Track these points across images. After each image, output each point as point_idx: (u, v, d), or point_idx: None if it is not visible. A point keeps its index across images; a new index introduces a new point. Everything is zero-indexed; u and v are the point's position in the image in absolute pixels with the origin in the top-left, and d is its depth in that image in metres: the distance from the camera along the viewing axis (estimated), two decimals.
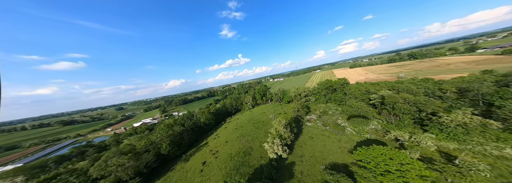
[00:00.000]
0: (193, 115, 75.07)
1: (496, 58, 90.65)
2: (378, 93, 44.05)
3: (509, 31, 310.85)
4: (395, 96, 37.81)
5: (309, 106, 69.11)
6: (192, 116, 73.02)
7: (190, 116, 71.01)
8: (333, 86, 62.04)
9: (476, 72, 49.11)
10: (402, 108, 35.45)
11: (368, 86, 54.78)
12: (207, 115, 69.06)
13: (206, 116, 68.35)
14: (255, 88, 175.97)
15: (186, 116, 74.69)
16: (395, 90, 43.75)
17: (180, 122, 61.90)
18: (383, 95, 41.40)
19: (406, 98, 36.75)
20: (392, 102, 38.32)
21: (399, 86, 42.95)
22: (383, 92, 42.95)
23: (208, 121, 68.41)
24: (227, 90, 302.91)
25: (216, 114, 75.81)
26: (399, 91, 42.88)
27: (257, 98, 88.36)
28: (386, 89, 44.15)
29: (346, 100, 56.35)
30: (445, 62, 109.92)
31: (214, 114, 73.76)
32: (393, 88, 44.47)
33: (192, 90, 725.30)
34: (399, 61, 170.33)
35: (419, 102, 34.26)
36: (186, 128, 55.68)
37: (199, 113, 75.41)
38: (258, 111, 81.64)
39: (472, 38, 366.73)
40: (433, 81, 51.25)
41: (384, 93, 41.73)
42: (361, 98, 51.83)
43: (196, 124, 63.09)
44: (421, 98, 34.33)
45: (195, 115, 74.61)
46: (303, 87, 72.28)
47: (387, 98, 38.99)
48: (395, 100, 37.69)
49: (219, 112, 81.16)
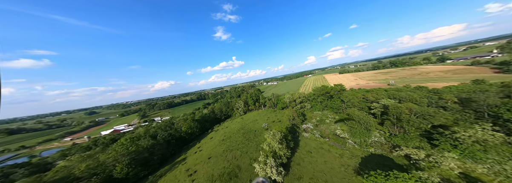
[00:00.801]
0: (173, 123, 64.18)
1: (467, 69, 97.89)
2: (379, 102, 40.26)
3: (464, 45, 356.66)
4: (399, 106, 33.89)
5: (304, 113, 64.02)
6: (173, 124, 62.17)
7: (170, 124, 60.08)
8: (330, 93, 57.97)
9: (467, 82, 49.05)
10: (410, 120, 31.41)
11: (365, 94, 51.58)
12: (190, 123, 59.15)
13: (188, 124, 58.37)
14: (248, 92, 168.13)
15: (166, 123, 63.42)
16: (396, 99, 40.41)
17: (152, 133, 50.67)
18: (386, 104, 37.53)
19: (411, 108, 33.01)
20: (397, 113, 34.32)
21: (400, 95, 39.77)
22: (385, 101, 39.27)
23: (191, 130, 58.49)
24: (219, 94, 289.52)
25: (201, 121, 66.14)
26: (401, 100, 39.57)
27: (249, 103, 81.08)
28: (387, 98, 40.58)
29: (343, 108, 52.29)
30: (424, 70, 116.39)
31: (199, 121, 64.09)
32: (394, 97, 41.19)
33: (181, 93, 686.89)
34: (383, 68, 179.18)
35: (428, 114, 30.59)
36: (158, 141, 45.09)
37: (180, 120, 64.65)
38: (250, 117, 74.23)
39: (435, 50, 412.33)
40: (427, 90, 49.91)
41: (386, 102, 38.02)
42: (359, 106, 48.05)
43: (174, 134, 52.45)
44: (430, 109, 30.89)
45: (176, 122, 63.84)
46: (298, 93, 67.34)
47: (391, 108, 34.96)
48: (400, 111, 33.69)
49: (205, 119, 71.59)
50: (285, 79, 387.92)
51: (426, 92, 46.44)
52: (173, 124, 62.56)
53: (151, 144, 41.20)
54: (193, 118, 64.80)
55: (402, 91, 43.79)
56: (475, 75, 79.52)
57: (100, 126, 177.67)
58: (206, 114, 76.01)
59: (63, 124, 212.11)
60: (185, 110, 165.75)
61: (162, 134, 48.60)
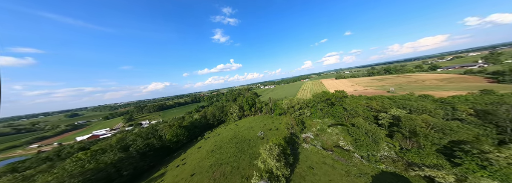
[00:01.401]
0: (157, 129, 56.46)
1: (461, 77, 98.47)
2: (388, 112, 35.96)
3: (447, 55, 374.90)
4: (414, 118, 29.54)
5: (303, 121, 58.98)
6: (156, 131, 54.48)
7: (153, 131, 52.38)
8: (331, 100, 53.55)
9: (474, 91, 46.44)
10: (428, 135, 26.96)
11: (369, 102, 47.54)
12: (177, 130, 51.88)
13: (174, 131, 51.10)
14: (245, 95, 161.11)
15: (148, 130, 55.47)
16: (405, 109, 36.30)
17: (126, 143, 42.38)
18: (396, 115, 33.20)
19: (428, 120, 28.73)
20: (411, 125, 29.88)
21: (412, 105, 35.66)
22: (394, 111, 35.01)
23: (177, 138, 51.17)
24: (215, 96, 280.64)
25: (190, 127, 58.97)
26: (412, 110, 35.46)
27: (245, 108, 75.17)
28: (396, 108, 36.40)
29: (346, 116, 47.75)
30: (419, 78, 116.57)
31: (187, 128, 56.94)
32: (404, 107, 37.09)
33: (176, 95, 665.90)
34: (377, 75, 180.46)
35: (450, 128, 26.33)
36: (130, 153, 37.36)
37: (165, 127, 57.04)
38: (245, 124, 68.12)
39: (423, 59, 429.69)
40: (433, 99, 46.69)
41: (397, 113, 33.73)
42: (364, 115, 43.66)
43: (153, 144, 44.41)
44: (453, 123, 26.66)
45: (160, 129, 56.19)
46: (296, 99, 62.57)
47: (405, 120, 30.56)
48: (414, 123, 29.28)
49: (195, 125, 64.48)
50: (282, 83, 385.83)
51: (433, 101, 43.03)
52: (157, 130, 54.83)
53: (118, 159, 33.44)
54: (180, 124, 57.45)
55: (412, 100, 39.87)
56: (470, 84, 79.06)
57: (77, 130, 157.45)
58: (197, 119, 68.97)
59: (35, 128, 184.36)
60: (177, 113, 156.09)
61: (136, 145, 40.52)
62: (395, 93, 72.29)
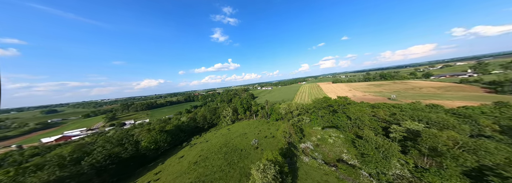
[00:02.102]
0: (132, 134, 48.21)
1: (458, 86, 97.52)
2: (402, 124, 30.92)
3: (434, 63, 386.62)
4: (438, 134, 24.46)
5: (302, 128, 53.42)
6: (132, 136, 46.19)
7: (127, 136, 43.91)
8: (333, 107, 48.35)
9: (487, 103, 42.73)
10: (459, 157, 21.87)
11: (375, 111, 42.66)
12: (156, 135, 44.06)
13: (153, 137, 43.37)
14: (241, 96, 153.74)
15: (121, 135, 46.91)
16: (421, 121, 31.40)
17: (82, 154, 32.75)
18: (414, 129, 28.14)
19: (456, 138, 23.73)
20: (434, 142, 24.78)
21: (429, 117, 30.76)
22: (410, 124, 29.99)
23: (156, 144, 43.50)
24: (210, 96, 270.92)
25: (175, 132, 51.37)
26: (428, 123, 30.56)
27: (239, 111, 68.69)
28: (411, 120, 31.42)
29: (349, 126, 42.58)
30: (416, 85, 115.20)
31: (171, 132, 49.41)
32: (418, 119, 32.21)
33: (170, 93, 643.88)
34: (373, 80, 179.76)
35: (485, 149, 21.39)
36: (81, 169, 27.71)
37: (143, 131, 48.87)
38: (238, 129, 61.64)
39: (413, 66, 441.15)
40: (443, 109, 42.54)
41: (413, 126, 28.69)
42: (371, 126, 38.61)
43: (121, 155, 35.48)
44: (490, 144, 21.72)
45: (136, 134, 48.01)
46: (295, 104, 57.02)
47: (426, 135, 25.46)
48: (438, 141, 24.18)
49: (182, 129, 57.03)
50: (279, 84, 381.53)
51: (449, 114, 38.58)
52: (133, 136, 46.65)
53: (56, 179, 24.51)
54: (162, 128, 49.61)
55: (425, 111, 35.13)
56: (468, 94, 77.37)
57: (48, 130, 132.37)
58: (184, 122, 61.43)
59: None
60: (168, 112, 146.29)
61: (93, 157, 31.04)
62: (397, 100, 68.68)
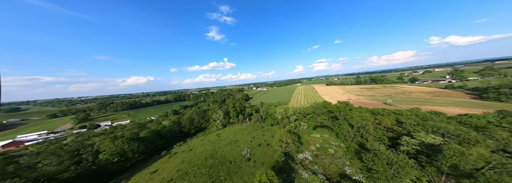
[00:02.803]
0: (92, 144, 37.67)
1: (444, 92, 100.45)
2: (415, 136, 26.99)
3: (414, 69, 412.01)
4: (465, 151, 20.52)
5: (299, 134, 48.55)
6: (91, 146, 35.89)
7: (85, 146, 33.91)
8: (334, 113, 44.04)
9: (490, 111, 41.16)
10: (489, 179, 17.92)
11: (380, 119, 38.99)
12: (124, 145, 35.47)
13: (119, 147, 34.69)
14: (235, 97, 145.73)
15: (76, 144, 36.51)
16: (437, 133, 27.75)
17: None
18: (432, 142, 24.20)
19: (487, 158, 19.92)
20: (460, 160, 20.82)
21: (446, 129, 27.11)
22: (425, 136, 26.10)
23: (123, 156, 34.87)
24: (203, 95, 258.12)
25: (151, 139, 42.89)
26: (446, 135, 26.94)
27: (231, 115, 62.10)
28: (425, 132, 27.61)
29: (351, 135, 38.40)
30: (405, 90, 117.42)
31: (146, 140, 41.04)
32: (433, 130, 28.58)
33: (159, 91, 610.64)
34: (364, 84, 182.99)
35: None
36: None
37: (106, 140, 38.60)
38: (229, 135, 55.17)
39: (396, 71, 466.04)
40: (446, 117, 40.13)
41: (430, 139, 24.80)
42: (376, 135, 34.66)
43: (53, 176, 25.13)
44: None
45: (97, 143, 37.85)
46: (292, 108, 52.10)
47: (449, 152, 21.46)
48: (466, 159, 20.23)
49: (162, 134, 48.91)
50: (275, 85, 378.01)
51: (445, 120, 35.98)
52: (92, 146, 37.02)
53: None
54: (135, 135, 40.54)
55: (447, 122, 31.56)
56: (457, 100, 78.96)
57: (1, 132, 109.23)
58: (166, 126, 53.19)
59: None
60: (154, 113, 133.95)
61: None
62: (393, 105, 67.18)
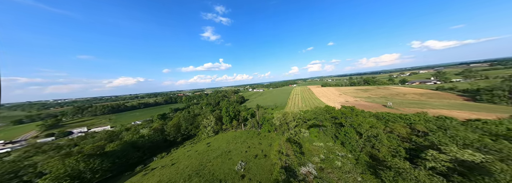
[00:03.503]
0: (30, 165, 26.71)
1: (436, 93, 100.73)
2: (445, 151, 21.90)
3: (398, 71, 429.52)
4: None
5: (300, 142, 42.63)
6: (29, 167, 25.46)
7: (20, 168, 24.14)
8: (339, 119, 38.63)
9: (505, 116, 38.07)
10: None
11: (392, 126, 34.08)
12: (78, 163, 26.49)
13: (70, 166, 25.66)
14: (230, 100, 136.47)
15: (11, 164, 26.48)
16: (470, 146, 22.91)
17: None
18: (474, 160, 19.07)
19: None
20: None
21: (485, 143, 22.19)
22: (460, 152, 21.01)
23: (78, 177, 25.14)
24: (196, 97, 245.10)
25: (120, 154, 33.89)
26: (482, 150, 22.08)
27: (224, 121, 54.78)
28: (456, 147, 22.63)
29: (360, 145, 33.08)
30: (399, 91, 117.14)
31: (114, 154, 32.27)
32: (464, 142, 23.71)
33: (150, 92, 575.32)
34: (358, 85, 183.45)
35: None
36: None
37: (53, 160, 27.65)
38: (221, 144, 47.98)
39: (383, 73, 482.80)
40: (458, 122, 36.27)
41: (467, 156, 19.71)
42: (390, 146, 29.51)
43: None
44: None
45: (41, 162, 27.32)
46: (291, 113, 46.13)
47: (500, 175, 16.27)
48: None
49: (138, 146, 40.34)
50: (271, 86, 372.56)
51: (461, 127, 31.84)
52: (35, 167, 27.14)
53: None
54: (98, 149, 31.30)
55: (472, 132, 26.89)
56: (453, 102, 78.25)
57: None
58: (145, 136, 44.40)
59: None
60: (140, 117, 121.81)
61: None
62: (393, 108, 63.94)
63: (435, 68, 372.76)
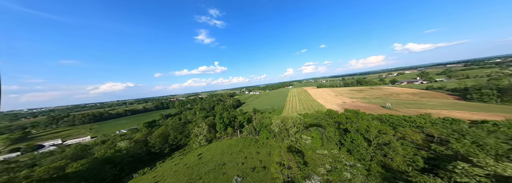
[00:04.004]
0: None
1: (427, 93, 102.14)
2: (481, 163, 18.40)
3: (384, 72, 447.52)
4: None
5: (301, 150, 38.27)
6: None
7: None
8: (345, 125, 34.76)
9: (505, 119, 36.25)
10: None
11: (404, 132, 30.73)
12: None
13: None
14: (225, 104, 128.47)
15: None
16: (503, 156, 19.64)
17: None
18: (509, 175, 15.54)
19: None
20: None
21: None
22: (499, 166, 17.56)
23: None
24: (190, 102, 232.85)
25: (87, 174, 27.21)
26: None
27: (218, 128, 49.10)
28: (486, 156, 19.28)
29: (370, 153, 29.28)
30: (393, 91, 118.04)
31: (80, 175, 25.79)
32: (497, 152, 20.46)
33: (140, 98, 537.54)
34: (351, 85, 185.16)
35: None
36: None
37: None
38: (215, 155, 42.41)
39: (371, 73, 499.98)
40: (468, 124, 33.91)
41: (510, 172, 16.21)
42: (406, 155, 25.88)
43: None
44: None
45: None
46: (291, 118, 41.68)
47: None
48: None
49: (114, 161, 33.72)
50: (267, 89, 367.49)
51: (481, 131, 29.21)
52: None
53: None
54: (54, 174, 24.25)
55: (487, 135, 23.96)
56: (443, 101, 78.56)
57: None
58: (122, 149, 37.42)
59: None
60: (126, 125, 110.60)
61: None
62: (392, 109, 62.07)
63: (418, 69, 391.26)
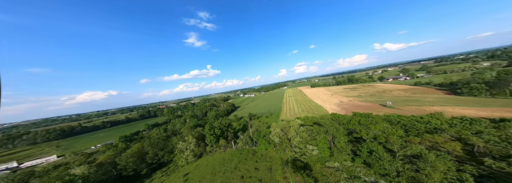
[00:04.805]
0: None
1: (416, 88, 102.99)
2: None
3: (370, 70, 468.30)
4: None
5: (308, 163, 31.82)
6: None
7: None
8: (358, 133, 28.74)
9: None
10: None
11: (435, 140, 25.42)
12: None
13: None
14: (219, 109, 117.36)
15: None
16: None
17: None
18: None
19: None
20: None
21: None
22: None
23: None
24: (181, 108, 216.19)
25: None
26: None
27: (209, 140, 40.71)
28: None
29: (396, 168, 23.47)
30: (385, 88, 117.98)
31: None
32: None
33: (124, 107, 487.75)
34: (344, 84, 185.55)
35: None
36: None
37: None
38: (205, 174, 34.33)
39: (357, 71, 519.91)
40: (491, 126, 29.89)
41: None
42: (446, 171, 20.27)
43: None
44: None
45: None
46: (292, 125, 34.92)
47: None
48: None
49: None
50: (262, 90, 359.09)
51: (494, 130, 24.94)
52: None
53: None
54: None
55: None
56: (435, 96, 78.34)
57: None
58: (78, 178, 27.87)
59: None
60: (104, 138, 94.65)
61: None
62: (394, 107, 58.64)
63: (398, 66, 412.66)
